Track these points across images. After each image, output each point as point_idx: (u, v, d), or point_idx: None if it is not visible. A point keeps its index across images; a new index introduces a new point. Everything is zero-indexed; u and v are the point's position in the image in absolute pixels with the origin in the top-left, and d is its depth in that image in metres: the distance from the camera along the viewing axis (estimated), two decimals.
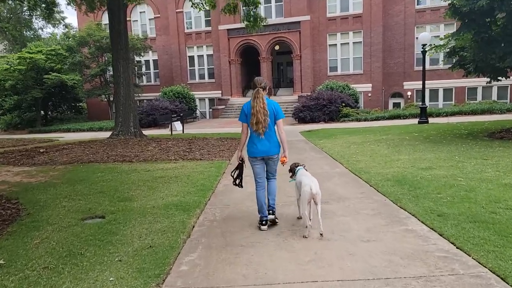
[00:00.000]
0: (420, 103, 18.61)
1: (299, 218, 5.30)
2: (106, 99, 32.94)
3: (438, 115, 20.67)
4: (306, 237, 4.61)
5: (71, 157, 11.57)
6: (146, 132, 24.92)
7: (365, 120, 22.44)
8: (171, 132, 21.17)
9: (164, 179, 8.45)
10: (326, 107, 23.48)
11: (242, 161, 5.24)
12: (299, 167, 5.22)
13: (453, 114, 20.88)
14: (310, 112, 23.65)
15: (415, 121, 19.98)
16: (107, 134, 24.73)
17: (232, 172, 5.42)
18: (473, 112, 20.51)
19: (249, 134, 4.98)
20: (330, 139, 14.79)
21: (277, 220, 5.17)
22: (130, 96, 14.82)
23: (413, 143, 11.86)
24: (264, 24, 31.09)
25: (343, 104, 23.70)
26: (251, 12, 20.95)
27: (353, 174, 8.23)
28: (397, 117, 21.95)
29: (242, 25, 32.39)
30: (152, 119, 27.27)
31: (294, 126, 22.97)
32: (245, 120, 4.91)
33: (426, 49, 15.67)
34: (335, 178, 8.00)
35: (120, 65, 14.74)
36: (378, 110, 25.78)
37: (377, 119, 22.19)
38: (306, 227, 4.72)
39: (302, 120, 23.81)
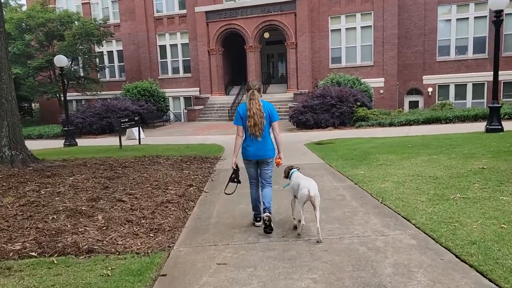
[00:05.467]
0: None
1: (295, 228, 4.43)
2: (56, 98, 25.34)
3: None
4: (300, 235, 4.20)
5: None
6: (95, 140, 17.74)
7: (391, 125, 15.57)
8: (120, 144, 14.00)
9: None
10: (336, 107, 16.53)
11: (236, 167, 4.55)
12: (293, 170, 4.62)
13: None
14: (314, 114, 16.67)
15: (470, 126, 13.28)
16: (44, 143, 17.57)
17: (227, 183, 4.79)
18: None
19: (243, 137, 4.48)
20: (372, 165, 7.83)
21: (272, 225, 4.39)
22: (2, 90, 7.53)
23: None
24: (251, 4, 24.23)
25: (358, 104, 16.80)
26: None
27: None
28: (436, 120, 15.11)
29: (224, 5, 25.29)
30: (107, 124, 19.98)
31: (293, 133, 15.99)
32: (241, 123, 4.43)
33: None
34: None
35: None
36: (401, 110, 18.94)
37: (408, 123, 15.32)
38: (299, 221, 4.21)
39: (302, 125, 16.85)
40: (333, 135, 14.08)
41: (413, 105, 23.01)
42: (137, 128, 16.34)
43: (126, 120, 15.04)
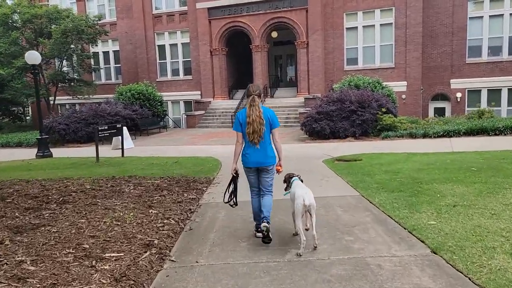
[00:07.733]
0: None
1: (295, 234, 4.15)
2: (45, 101, 22.65)
3: None
4: (300, 255, 3.70)
5: None
6: (77, 150, 14.60)
7: (425, 136, 12.59)
8: (97, 157, 11.26)
9: None
10: (357, 114, 13.60)
11: (236, 174, 4.35)
12: (294, 178, 4.34)
13: None
14: (331, 121, 13.74)
15: None
16: (20, 152, 15.05)
17: (226, 189, 4.49)
18: None
19: (243, 143, 4.26)
20: (439, 205, 4.95)
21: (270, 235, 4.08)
22: None
23: None
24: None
25: (383, 110, 13.86)
26: None
27: None
28: (482, 131, 12.10)
29: (228, 1, 22.19)
30: (94, 131, 17.21)
31: (307, 144, 13.09)
32: (240, 130, 4.22)
33: None
34: None
35: None
36: (433, 118, 15.94)
37: (447, 135, 12.31)
38: (300, 243, 3.74)
39: (316, 134, 13.92)
40: (357, 148, 11.17)
41: (439, 112, 19.96)
42: (125, 136, 13.71)
43: (106, 128, 12.28)
